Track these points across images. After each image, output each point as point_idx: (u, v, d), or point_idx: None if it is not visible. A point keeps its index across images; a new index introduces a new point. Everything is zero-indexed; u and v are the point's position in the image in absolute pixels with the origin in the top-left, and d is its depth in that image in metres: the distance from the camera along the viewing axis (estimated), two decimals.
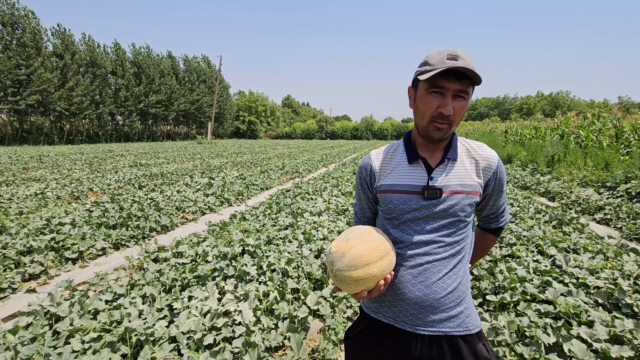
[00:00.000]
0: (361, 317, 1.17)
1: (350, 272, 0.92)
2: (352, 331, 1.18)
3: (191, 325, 2.24)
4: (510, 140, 16.57)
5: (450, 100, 0.95)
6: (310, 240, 3.91)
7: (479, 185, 1.05)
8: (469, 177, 1.04)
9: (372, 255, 0.92)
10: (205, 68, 48.02)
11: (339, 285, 0.97)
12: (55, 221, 4.56)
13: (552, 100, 68.51)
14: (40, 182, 8.07)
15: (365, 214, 1.22)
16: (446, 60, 0.92)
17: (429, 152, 1.07)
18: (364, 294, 0.95)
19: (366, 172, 1.14)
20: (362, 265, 0.91)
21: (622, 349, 1.98)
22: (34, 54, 25.20)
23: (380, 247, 0.95)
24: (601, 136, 10.80)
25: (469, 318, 1.03)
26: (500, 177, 1.09)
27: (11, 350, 1.95)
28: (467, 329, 1.02)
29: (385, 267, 0.94)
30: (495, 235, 1.24)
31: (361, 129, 60.71)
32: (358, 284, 0.92)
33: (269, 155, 18.23)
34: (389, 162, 1.11)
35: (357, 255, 0.92)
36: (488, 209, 1.16)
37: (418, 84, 1.00)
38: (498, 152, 14.71)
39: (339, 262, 0.93)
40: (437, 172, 1.03)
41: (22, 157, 14.04)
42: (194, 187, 7.73)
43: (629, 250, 3.62)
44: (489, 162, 1.06)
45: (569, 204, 6.39)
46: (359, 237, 0.96)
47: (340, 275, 0.93)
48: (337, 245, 0.97)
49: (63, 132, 29.51)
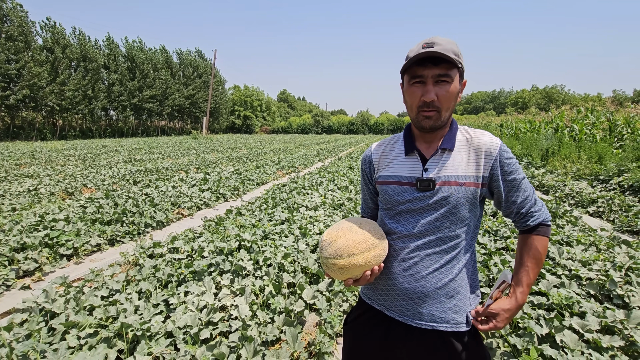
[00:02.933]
0: (359, 303, 1.20)
1: (335, 260, 0.97)
2: (350, 317, 1.21)
3: (187, 320, 2.24)
4: (505, 134, 16.65)
5: (431, 87, 0.94)
6: (307, 235, 3.92)
7: (478, 176, 0.98)
8: (465, 168, 0.98)
9: (358, 246, 0.96)
10: (200, 62, 47.51)
11: (326, 271, 1.02)
12: (49, 217, 4.52)
13: (546, 94, 68.88)
14: (33, 178, 7.98)
15: (368, 205, 1.26)
16: (422, 49, 0.91)
17: (426, 144, 1.06)
18: (349, 281, 1.00)
19: (366, 163, 1.17)
20: (347, 255, 0.96)
21: (612, 339, 2.02)
22: (23, 48, 24.74)
23: (367, 239, 0.98)
24: (595, 130, 10.89)
25: (458, 314, 1.01)
26: (507, 166, 0.99)
27: (6, 347, 1.94)
28: (456, 325, 1.00)
29: (372, 259, 0.97)
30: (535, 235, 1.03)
31: (357, 124, 60.69)
32: (343, 271, 0.97)
33: (265, 150, 18.16)
34: (388, 153, 1.12)
35: (343, 245, 0.97)
36: (506, 204, 1.03)
37: (404, 78, 1.01)
38: None
39: (326, 250, 0.99)
40: (431, 163, 1.01)
41: (14, 153, 13.85)
42: (189, 183, 7.69)
43: (620, 242, 3.68)
44: (488, 149, 0.98)
45: (562, 197, 6.46)
46: (349, 228, 1.01)
47: (327, 262, 0.99)
48: (327, 234, 1.02)
49: (55, 128, 29.12)
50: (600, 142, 9.55)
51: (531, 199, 1.03)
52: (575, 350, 1.95)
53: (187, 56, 46.14)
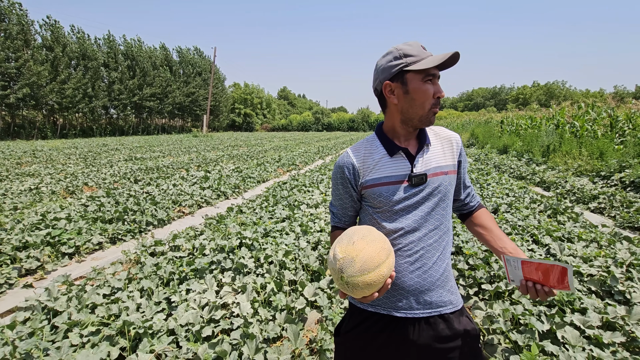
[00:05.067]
0: (353, 312, 1.15)
1: (363, 276, 0.88)
2: (344, 327, 1.16)
3: (189, 317, 2.25)
4: (506, 130, 16.59)
5: (439, 85, 1.02)
6: (307, 233, 3.92)
7: (453, 164, 1.12)
8: (444, 159, 1.10)
9: (381, 255, 0.90)
10: (199, 60, 47.41)
11: (349, 292, 0.92)
12: (51, 216, 4.53)
13: (547, 90, 68.58)
14: (34, 177, 7.99)
15: (346, 213, 1.19)
16: (424, 51, 1.00)
17: (407, 142, 1.10)
18: (374, 295, 0.93)
19: (349, 170, 1.10)
20: (374, 267, 0.88)
21: (614, 335, 2.02)
22: (22, 46, 24.69)
23: (385, 246, 0.93)
24: (596, 126, 10.84)
25: (454, 295, 1.10)
26: (464, 155, 1.18)
27: (9, 345, 1.95)
28: (455, 305, 1.08)
29: (392, 265, 0.93)
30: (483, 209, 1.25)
31: (357, 121, 60.52)
32: (371, 287, 0.89)
33: (265, 147, 18.15)
34: (368, 157, 1.10)
35: (367, 257, 0.88)
36: (462, 188, 1.21)
37: (406, 76, 1.00)
38: (494, 143, 14.51)
39: (350, 268, 0.88)
40: (418, 159, 1.07)
41: (15, 151, 13.88)
42: (190, 181, 7.70)
43: (622, 239, 3.67)
44: (455, 141, 1.14)
45: (563, 193, 6.44)
46: (363, 238, 0.93)
47: (353, 282, 0.88)
48: (343, 250, 0.91)
49: (56, 126, 29.13)
50: (601, 138, 9.51)
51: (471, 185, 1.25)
52: (576, 346, 1.96)
53: (187, 54, 46.04)
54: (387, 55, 1.03)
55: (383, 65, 1.03)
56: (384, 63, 1.03)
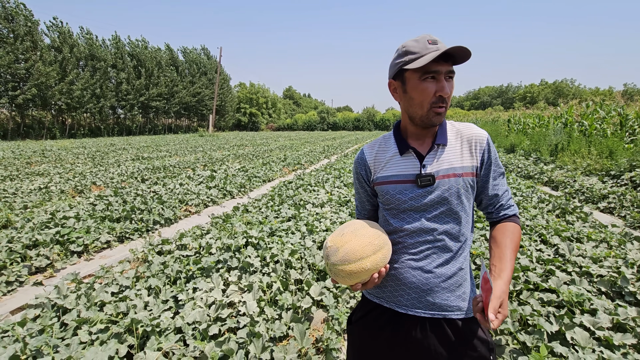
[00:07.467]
0: (363, 302, 1.19)
1: (343, 266, 0.94)
2: (355, 315, 1.20)
3: (196, 316, 2.26)
4: (513, 129, 16.43)
5: (444, 82, 0.95)
6: (313, 232, 3.92)
7: (472, 166, 1.03)
8: (461, 160, 1.03)
9: (366, 249, 0.95)
10: (205, 60, 47.64)
11: (334, 278, 0.99)
12: (60, 215, 4.59)
13: (555, 89, 67.71)
14: (43, 177, 8.10)
15: (364, 207, 1.24)
16: (430, 45, 0.93)
17: (419, 141, 1.07)
18: (358, 286, 0.98)
19: (361, 167, 1.15)
20: (355, 260, 0.94)
21: (624, 337, 1.99)
22: (30, 47, 25.01)
23: (374, 242, 0.97)
24: (605, 124, 10.69)
25: (466, 302, 1.06)
26: (494, 157, 1.06)
27: (20, 342, 1.98)
28: (465, 313, 1.04)
29: (379, 261, 0.96)
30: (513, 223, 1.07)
31: (363, 120, 60.36)
32: (352, 277, 0.95)
33: (271, 147, 18.19)
34: (382, 154, 1.12)
35: (350, 250, 0.94)
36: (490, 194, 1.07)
37: (405, 74, 0.99)
38: (501, 142, 14.35)
39: (333, 257, 0.96)
40: (428, 159, 1.03)
41: (25, 151, 14.07)
42: (196, 180, 7.74)
43: (632, 239, 3.62)
44: (478, 141, 1.05)
45: (572, 192, 6.36)
46: (353, 232, 0.99)
47: (335, 269, 0.96)
48: (332, 240, 0.99)
49: (65, 126, 29.48)
50: (611, 137, 9.37)
51: (509, 192, 1.12)
52: (586, 347, 1.93)
53: (193, 54, 46.28)
54: (395, 52, 1.02)
55: (391, 63, 1.04)
56: (391, 61, 1.04)
